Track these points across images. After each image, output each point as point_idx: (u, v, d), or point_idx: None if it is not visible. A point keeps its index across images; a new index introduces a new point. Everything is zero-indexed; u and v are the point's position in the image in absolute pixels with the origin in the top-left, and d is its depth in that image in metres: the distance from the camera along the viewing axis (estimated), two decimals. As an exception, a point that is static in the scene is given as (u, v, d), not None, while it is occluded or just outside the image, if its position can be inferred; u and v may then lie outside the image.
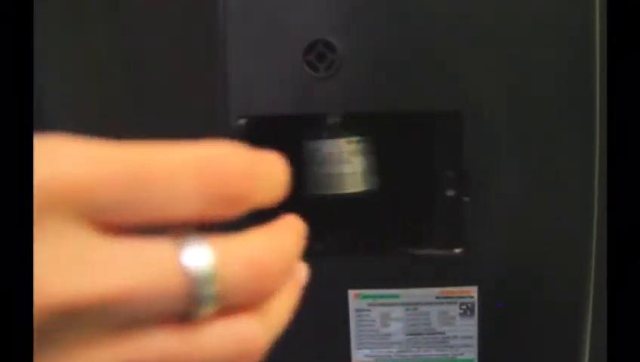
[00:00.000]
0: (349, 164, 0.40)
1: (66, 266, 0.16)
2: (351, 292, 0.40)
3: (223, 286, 0.18)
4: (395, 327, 0.40)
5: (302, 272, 0.23)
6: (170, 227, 0.18)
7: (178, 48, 0.41)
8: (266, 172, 0.20)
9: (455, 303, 0.40)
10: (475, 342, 0.40)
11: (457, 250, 0.40)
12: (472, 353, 0.40)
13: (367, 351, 0.41)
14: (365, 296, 0.40)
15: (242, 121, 0.39)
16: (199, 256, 0.18)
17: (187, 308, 0.18)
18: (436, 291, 0.40)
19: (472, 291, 0.40)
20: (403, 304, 0.40)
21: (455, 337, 0.40)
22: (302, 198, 0.41)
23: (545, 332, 0.40)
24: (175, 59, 0.41)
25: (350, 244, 0.44)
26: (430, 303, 0.40)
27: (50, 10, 0.50)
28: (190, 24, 0.41)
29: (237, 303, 0.19)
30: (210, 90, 0.40)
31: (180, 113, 0.41)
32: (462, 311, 0.40)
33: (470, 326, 0.40)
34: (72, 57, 0.52)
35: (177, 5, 0.41)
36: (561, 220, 0.40)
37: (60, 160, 0.17)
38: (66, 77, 0.52)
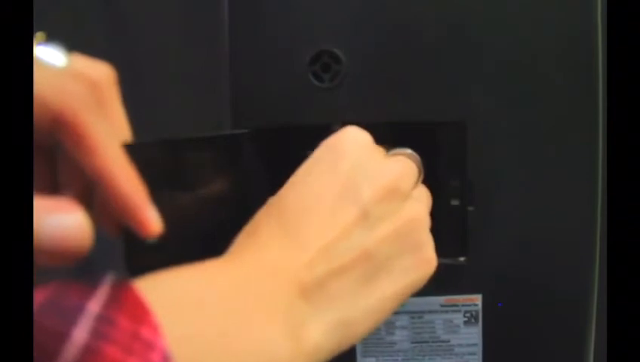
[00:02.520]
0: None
1: None
2: (356, 301, 0.40)
3: None
4: (401, 335, 0.41)
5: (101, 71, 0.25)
6: None
7: (182, 58, 0.41)
8: None
9: (459, 311, 0.41)
10: (479, 349, 0.41)
11: (462, 259, 0.40)
12: (477, 361, 0.41)
13: (372, 359, 0.41)
14: (370, 305, 0.40)
15: (247, 131, 0.39)
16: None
17: None
18: (441, 299, 0.40)
19: (477, 299, 0.40)
20: (408, 312, 0.41)
21: (460, 345, 0.41)
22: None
23: (549, 340, 0.41)
24: (179, 69, 0.41)
25: None
26: (435, 311, 0.41)
27: (50, 9, 0.49)
28: (195, 34, 0.41)
29: None
30: (214, 101, 0.40)
31: (183, 123, 0.41)
32: (466, 319, 0.40)
33: (474, 334, 0.41)
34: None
35: (181, 15, 0.41)
36: (565, 229, 0.40)
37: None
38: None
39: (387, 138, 0.40)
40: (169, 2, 0.42)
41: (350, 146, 0.31)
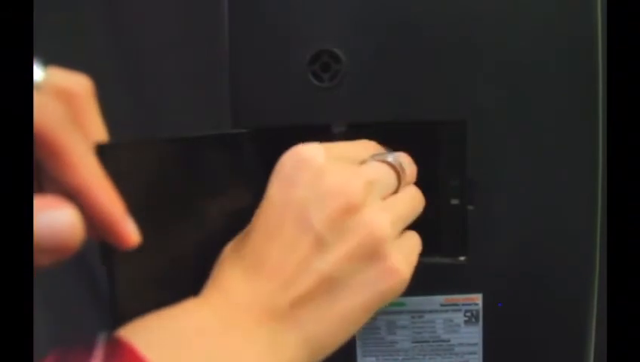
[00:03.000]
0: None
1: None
2: (356, 301, 0.40)
3: None
4: (401, 335, 0.41)
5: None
6: None
7: (181, 58, 0.41)
8: None
9: (460, 311, 0.40)
10: (480, 349, 0.41)
11: (462, 258, 0.40)
12: (477, 360, 0.41)
13: (372, 359, 0.41)
14: (371, 305, 0.40)
15: (247, 131, 0.39)
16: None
17: None
18: (441, 299, 0.40)
19: (477, 298, 0.40)
20: (409, 312, 0.41)
21: (460, 344, 0.41)
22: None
23: (549, 339, 0.41)
24: (178, 69, 0.41)
25: None
26: (435, 311, 0.41)
27: (51, 11, 0.49)
28: (194, 34, 0.41)
29: None
30: (213, 100, 0.40)
31: (183, 123, 0.41)
32: (467, 319, 0.40)
33: (475, 334, 0.41)
34: (71, 57, 0.51)
35: (181, 15, 0.41)
36: (566, 228, 0.40)
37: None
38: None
39: (387, 138, 0.40)
40: (169, 2, 0.42)
41: (298, 173, 0.31)
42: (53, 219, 0.21)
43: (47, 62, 0.26)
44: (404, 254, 0.32)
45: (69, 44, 0.51)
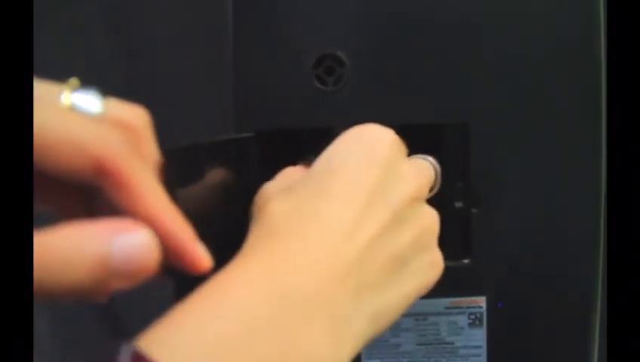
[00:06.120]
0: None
1: None
2: (361, 303, 0.40)
3: None
4: (405, 338, 0.41)
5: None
6: None
7: (185, 62, 0.41)
8: None
9: (464, 313, 0.41)
10: (484, 351, 0.41)
11: (466, 261, 0.40)
12: (481, 362, 0.41)
13: None
14: (375, 307, 0.40)
15: (252, 135, 0.39)
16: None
17: None
18: (445, 302, 0.41)
19: (481, 301, 0.41)
20: (413, 314, 0.41)
21: (464, 347, 0.41)
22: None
23: (553, 341, 0.41)
24: (182, 73, 0.41)
25: None
26: (439, 313, 0.41)
27: (50, 9, 0.49)
28: (198, 38, 0.41)
29: None
30: (217, 105, 0.40)
31: (186, 128, 0.40)
32: (471, 321, 0.41)
33: (479, 336, 0.41)
34: (72, 58, 0.51)
35: (185, 19, 0.41)
36: (570, 231, 0.40)
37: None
38: (66, 78, 0.51)
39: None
40: (172, 6, 0.41)
41: (376, 149, 0.32)
42: (129, 242, 0.21)
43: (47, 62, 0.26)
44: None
45: (69, 44, 0.51)
